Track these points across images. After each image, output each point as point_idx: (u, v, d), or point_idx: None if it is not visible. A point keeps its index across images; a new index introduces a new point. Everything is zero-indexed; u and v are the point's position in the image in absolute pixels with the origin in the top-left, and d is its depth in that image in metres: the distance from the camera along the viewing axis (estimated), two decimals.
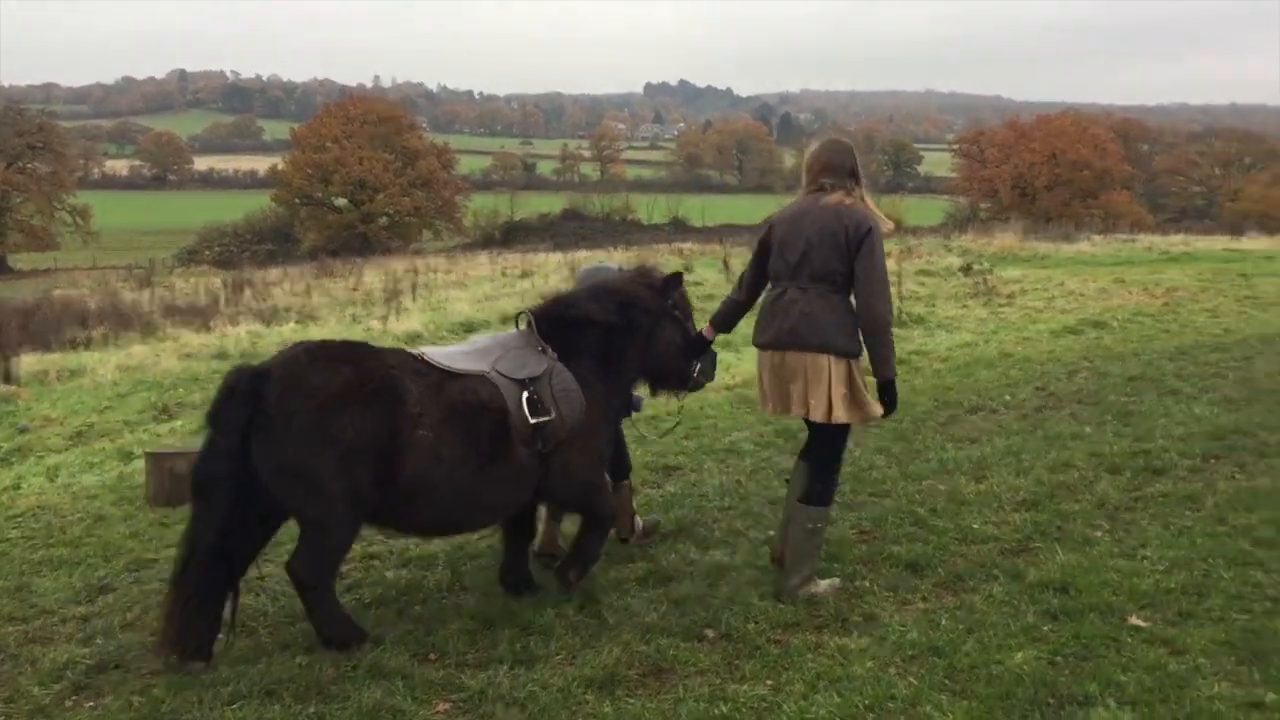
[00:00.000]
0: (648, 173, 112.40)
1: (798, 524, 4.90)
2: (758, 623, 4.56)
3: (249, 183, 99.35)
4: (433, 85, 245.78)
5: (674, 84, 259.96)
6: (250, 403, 4.28)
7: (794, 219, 4.87)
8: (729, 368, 11.22)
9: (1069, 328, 12.72)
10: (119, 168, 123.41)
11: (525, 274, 26.97)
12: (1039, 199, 57.80)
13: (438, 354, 4.81)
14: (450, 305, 19.21)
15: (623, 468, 5.75)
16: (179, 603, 4.30)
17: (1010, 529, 5.59)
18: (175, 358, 13.96)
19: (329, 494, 4.31)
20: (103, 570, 5.80)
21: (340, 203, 61.09)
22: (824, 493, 4.92)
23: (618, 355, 5.13)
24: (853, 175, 4.92)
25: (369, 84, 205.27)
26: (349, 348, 4.65)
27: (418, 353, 4.79)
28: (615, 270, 5.66)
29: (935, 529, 5.62)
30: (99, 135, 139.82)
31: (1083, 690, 3.83)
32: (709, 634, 4.50)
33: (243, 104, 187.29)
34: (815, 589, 4.85)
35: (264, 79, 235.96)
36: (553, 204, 68.87)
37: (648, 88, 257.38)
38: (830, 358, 4.71)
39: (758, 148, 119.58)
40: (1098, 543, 5.33)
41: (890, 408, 4.88)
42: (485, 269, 31.35)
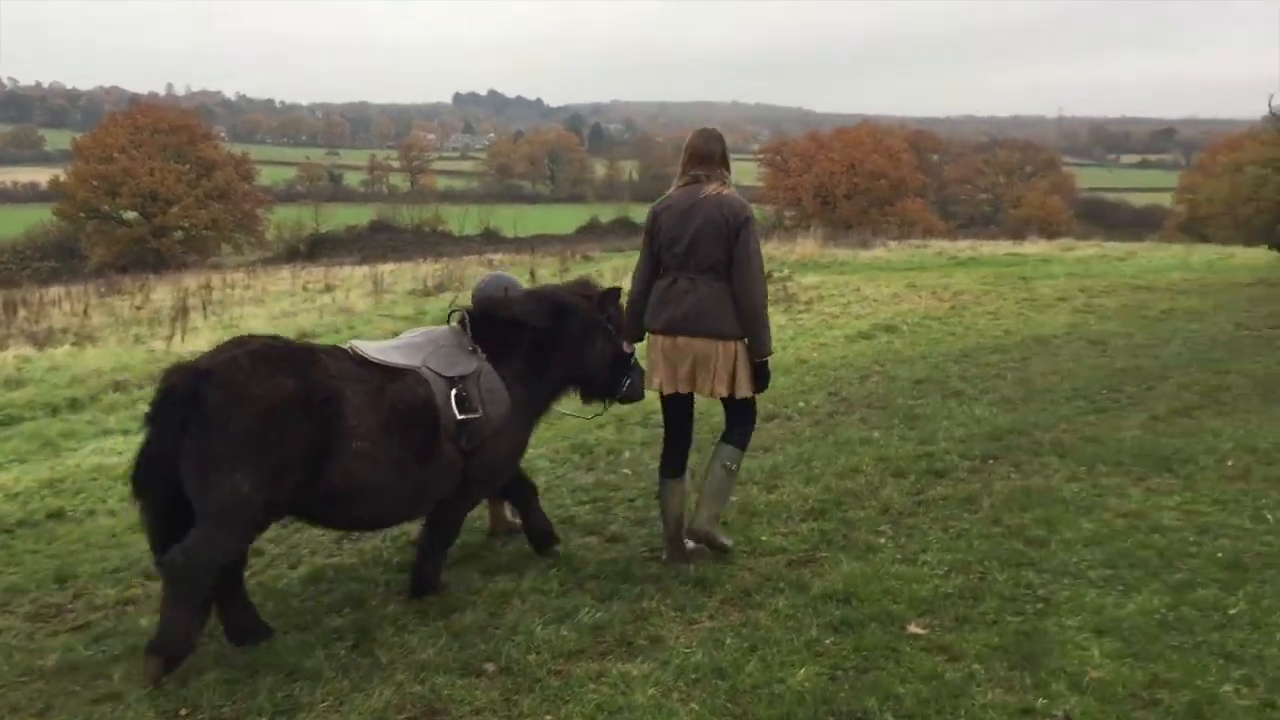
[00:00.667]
0: (459, 183, 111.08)
1: (718, 460, 5.38)
2: (539, 653, 4.37)
3: (30, 196, 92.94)
4: (230, 93, 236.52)
5: (484, 94, 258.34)
6: (188, 403, 4.26)
7: (679, 212, 5.20)
8: None
9: (862, 333, 13.04)
10: None
11: (328, 288, 26.03)
12: (839, 207, 59.78)
13: (371, 349, 4.90)
14: (244, 323, 18.30)
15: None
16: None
17: (798, 539, 5.58)
18: None
19: (244, 503, 4.28)
20: None
21: (130, 216, 57.84)
22: (743, 435, 5.44)
23: (546, 360, 5.32)
24: (724, 164, 5.31)
25: (161, 91, 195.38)
26: (293, 354, 4.59)
27: (352, 349, 4.86)
28: (514, 280, 5.71)
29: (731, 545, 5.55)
30: None
31: (861, 705, 3.80)
32: (489, 668, 4.28)
33: (21, 113, 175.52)
34: (722, 541, 5.36)
35: (45, 86, 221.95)
36: (360, 216, 67.21)
37: (457, 98, 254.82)
38: (720, 342, 5.12)
39: (570, 158, 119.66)
40: (881, 549, 5.36)
41: (762, 385, 5.32)
42: (286, 284, 30.17)
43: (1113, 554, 5.12)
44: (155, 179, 56.18)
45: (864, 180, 60.56)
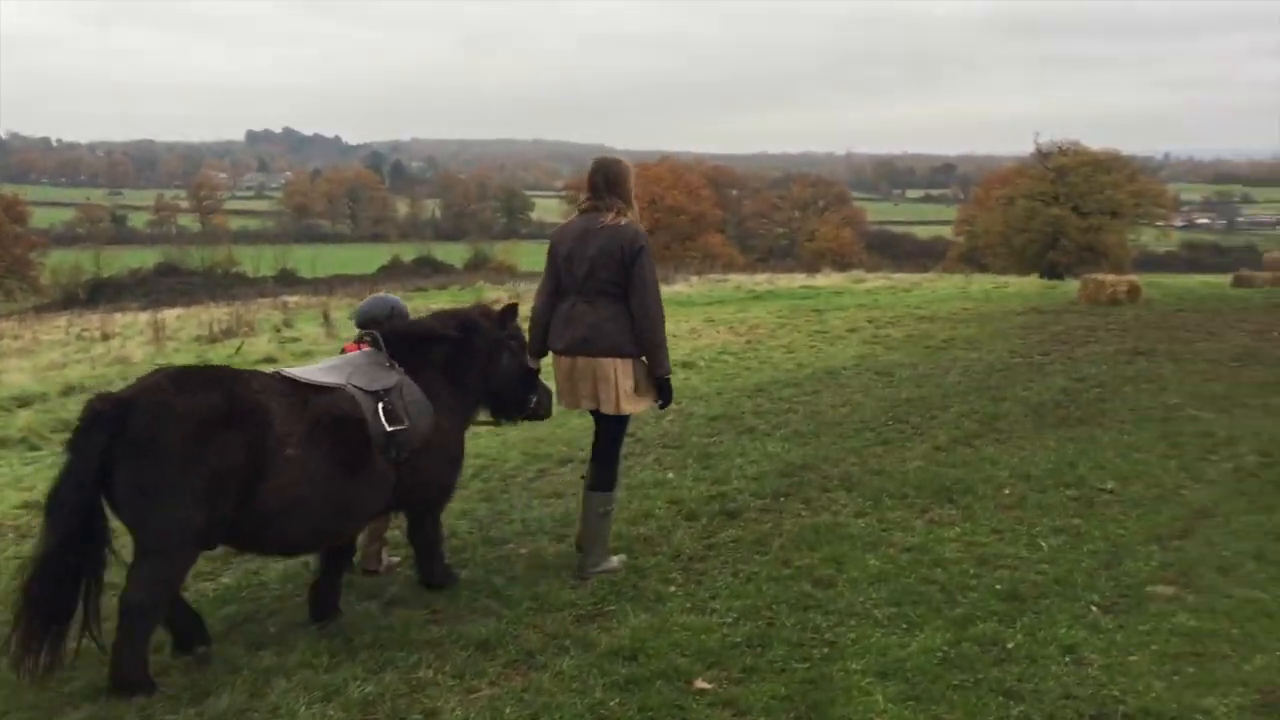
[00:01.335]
0: (254, 223, 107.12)
1: (590, 509, 5.64)
2: None
3: None
4: (1, 132, 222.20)
5: (278, 131, 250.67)
6: (112, 430, 4.30)
7: (577, 238, 5.46)
8: None
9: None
10: None
11: (105, 337, 24.48)
12: None
13: (295, 372, 5.03)
14: (6, 377, 16.93)
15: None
16: (33, 625, 4.32)
17: (587, 592, 5.37)
18: None
19: (185, 522, 4.35)
20: None
21: None
22: (609, 479, 5.67)
23: (460, 374, 5.51)
24: (623, 194, 5.52)
25: None
26: (212, 373, 4.73)
27: (276, 373, 4.98)
28: (397, 300, 6.07)
29: (511, 600, 5.29)
30: None
31: None
32: None
33: None
34: (609, 565, 5.62)
35: None
36: (146, 258, 64.02)
37: (250, 135, 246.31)
38: (616, 360, 5.40)
39: (370, 196, 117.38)
40: (670, 598, 5.22)
41: (666, 400, 5.66)
42: (61, 332, 28.25)
43: (897, 591, 5.12)
44: None
45: (665, 215, 61.61)
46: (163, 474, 4.31)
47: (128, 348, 19.86)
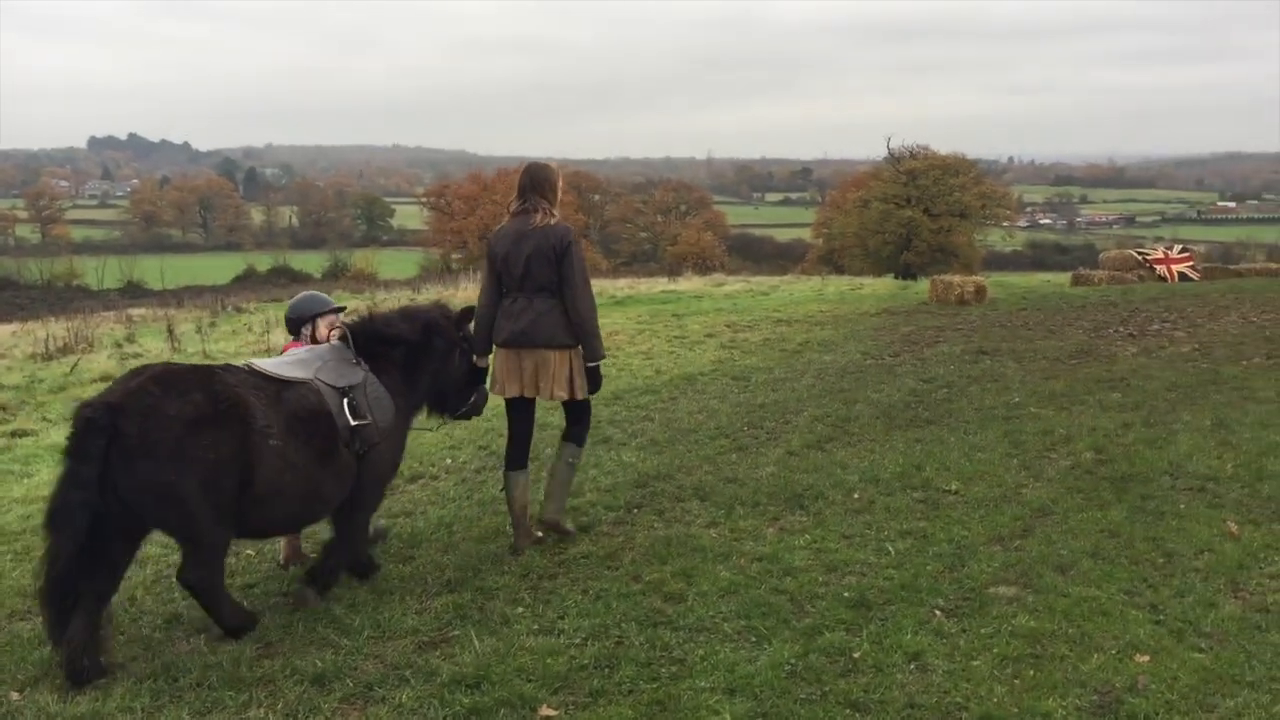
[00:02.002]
0: (98, 234, 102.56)
1: (562, 458, 6.20)
2: None
3: None
4: None
5: (123, 138, 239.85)
6: (107, 434, 4.49)
7: (513, 239, 5.89)
8: None
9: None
10: None
11: None
12: None
13: (265, 364, 5.28)
14: None
15: None
16: (54, 622, 4.61)
17: (431, 617, 5.18)
18: None
19: (197, 510, 4.65)
20: None
21: None
22: (581, 434, 6.25)
23: (417, 373, 5.82)
24: (547, 195, 5.99)
25: None
26: (192, 373, 4.94)
27: (248, 365, 5.23)
28: (327, 298, 6.42)
29: (351, 629, 5.06)
30: None
31: None
32: None
33: None
34: (566, 525, 6.24)
35: None
36: None
37: (92, 142, 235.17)
38: (556, 351, 5.85)
39: (223, 204, 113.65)
40: (517, 620, 5.06)
41: (595, 386, 6.09)
42: None
43: (747, 603, 5.07)
44: None
45: None
46: (163, 473, 4.56)
47: None
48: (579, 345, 5.92)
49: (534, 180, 6.01)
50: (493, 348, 6.09)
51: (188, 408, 4.65)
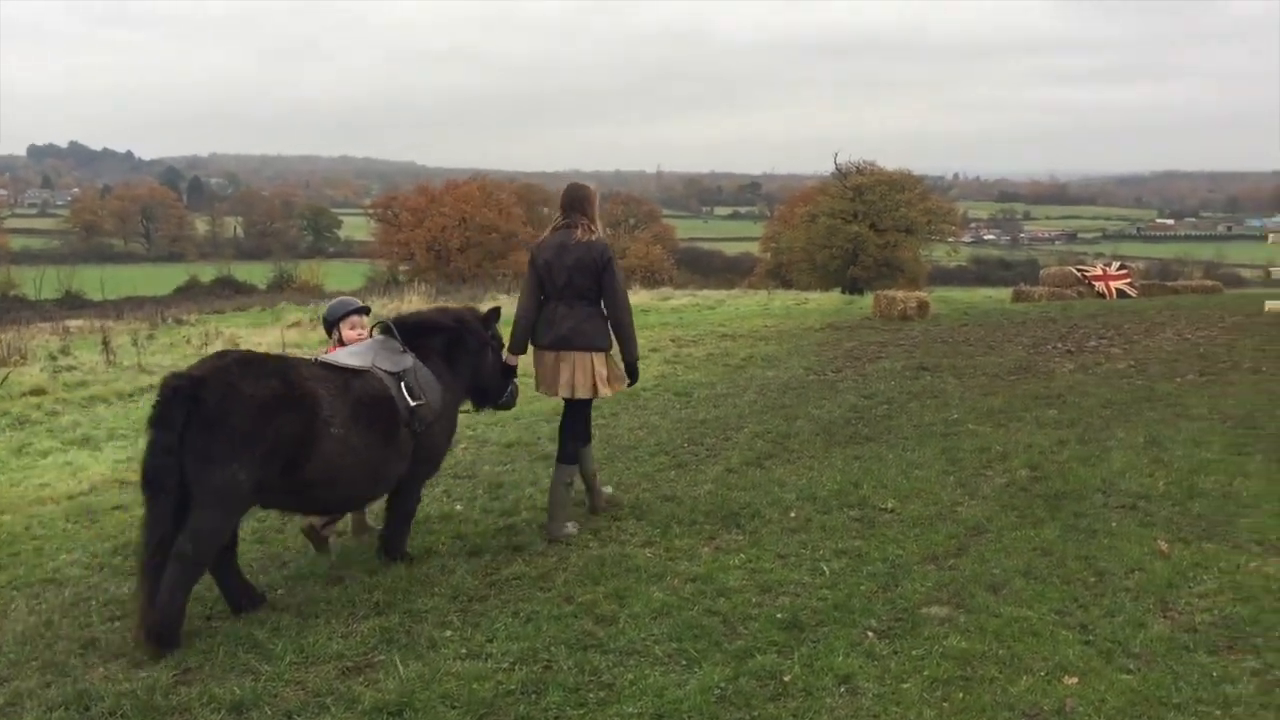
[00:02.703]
0: (38, 243, 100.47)
1: (556, 480, 6.66)
2: None
3: None
4: None
5: (64, 146, 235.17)
6: (189, 405, 4.95)
7: (556, 250, 6.45)
8: (78, 472, 9.75)
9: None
10: None
11: None
12: (453, 260, 59.87)
13: (330, 358, 5.88)
14: None
15: None
16: (148, 593, 4.93)
17: (357, 641, 5.05)
18: None
19: (237, 486, 5.04)
20: None
21: None
22: (572, 454, 6.70)
23: (455, 360, 6.32)
24: (587, 212, 6.55)
25: None
26: (272, 361, 5.42)
27: (315, 358, 5.85)
28: (355, 301, 6.99)
29: (272, 654, 4.92)
30: None
31: None
32: None
33: None
34: (568, 530, 6.55)
35: None
36: None
37: (32, 150, 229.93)
38: (592, 354, 6.44)
39: (166, 214, 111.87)
40: (445, 644, 4.95)
41: (633, 379, 6.75)
42: None
43: (679, 625, 5.00)
44: None
45: (476, 233, 61.06)
46: (226, 445, 4.99)
47: None
48: (610, 348, 6.56)
49: (575, 199, 6.58)
50: (527, 348, 6.65)
51: (264, 390, 5.13)
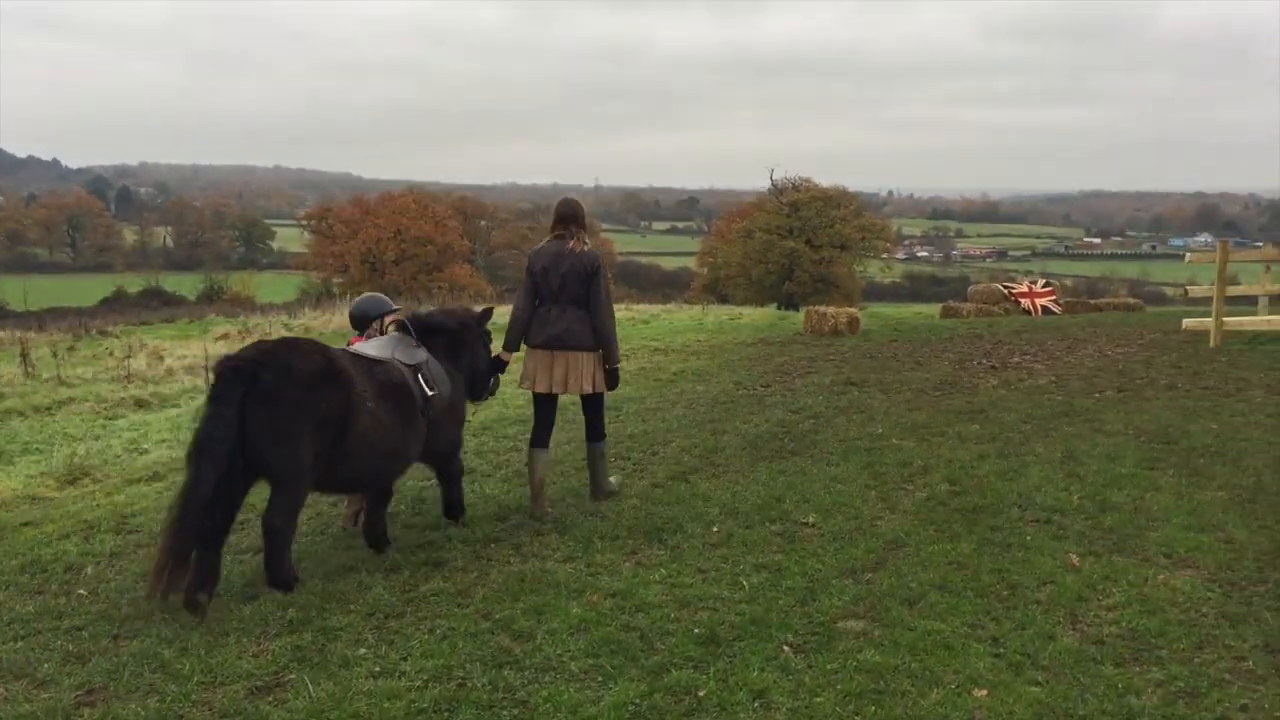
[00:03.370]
0: None
1: (592, 456, 7.56)
2: None
3: None
4: None
5: None
6: (247, 383, 5.51)
7: (552, 258, 7.07)
8: None
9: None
10: None
11: None
12: (388, 273, 59.32)
13: (356, 348, 6.51)
14: None
15: None
16: (179, 550, 5.40)
17: (268, 660, 4.95)
18: None
19: (303, 456, 5.64)
20: None
21: None
22: (600, 430, 7.50)
23: (457, 357, 7.01)
24: (580, 224, 7.25)
25: None
26: (311, 343, 6.07)
27: (342, 349, 6.37)
28: (385, 298, 7.58)
29: (179, 674, 4.80)
30: None
31: None
32: None
33: None
34: (613, 488, 7.56)
35: None
36: None
37: None
38: (584, 354, 7.07)
39: (94, 223, 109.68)
40: (358, 663, 4.87)
41: (613, 385, 7.41)
42: None
43: (596, 641, 4.98)
44: None
45: (411, 246, 60.62)
46: (286, 419, 5.57)
47: None
48: (599, 349, 7.11)
49: (570, 213, 7.22)
50: (521, 347, 7.30)
51: (311, 367, 5.72)
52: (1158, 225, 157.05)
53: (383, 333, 7.14)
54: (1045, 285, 23.73)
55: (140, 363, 18.40)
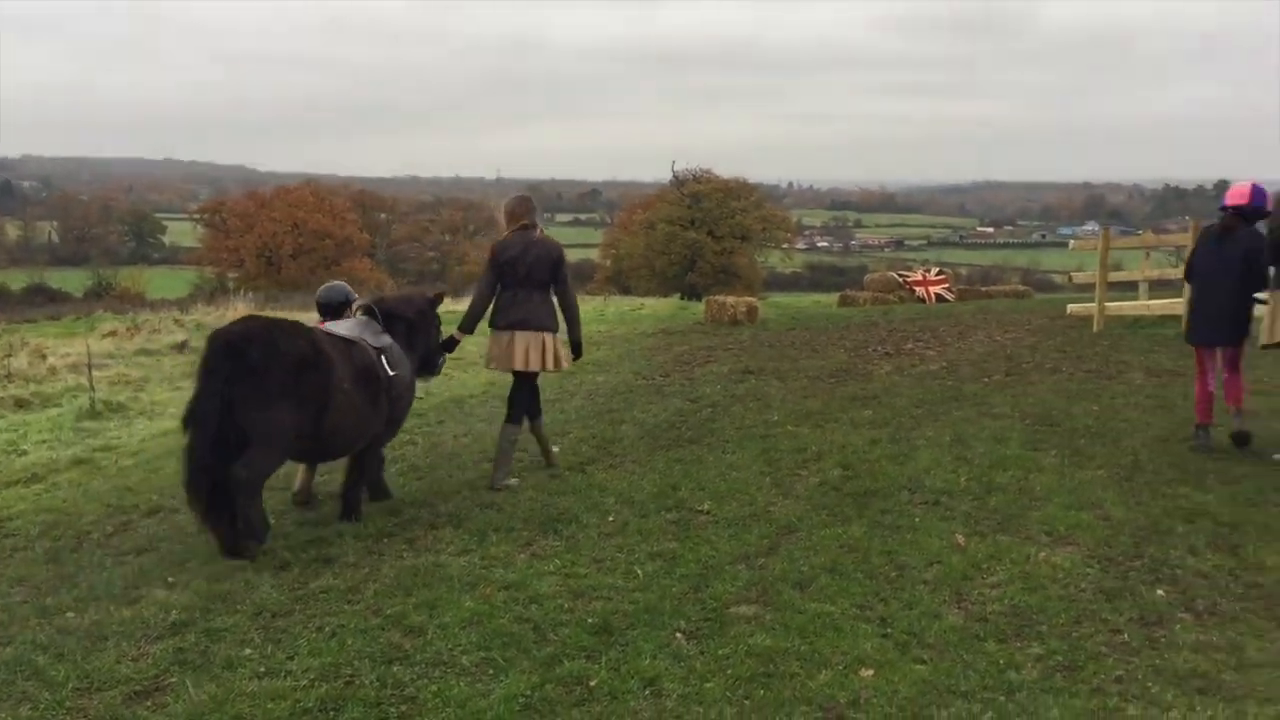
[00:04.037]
0: None
1: (504, 437, 7.79)
2: None
3: None
4: None
5: None
6: (235, 357, 6.01)
7: (521, 248, 7.61)
8: None
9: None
10: None
11: None
12: (285, 267, 58.18)
13: (332, 328, 6.94)
14: None
15: None
16: (201, 508, 6.07)
17: (148, 663, 4.80)
18: None
19: (283, 426, 6.12)
20: None
21: None
22: (519, 416, 7.84)
23: (414, 341, 7.52)
24: (537, 216, 7.92)
25: None
26: (295, 325, 6.55)
27: (323, 330, 6.83)
28: (347, 287, 8.16)
29: (54, 681, 4.63)
30: None
31: None
32: None
33: None
34: (509, 482, 7.64)
35: None
36: None
37: None
38: (545, 334, 7.62)
39: None
40: (242, 663, 4.75)
41: (578, 355, 8.13)
42: None
43: (488, 634, 4.94)
44: None
45: (309, 240, 59.52)
46: (270, 391, 6.06)
47: None
48: (558, 331, 7.75)
49: (527, 208, 7.85)
50: (474, 330, 7.95)
51: (296, 348, 6.21)
52: (1047, 215, 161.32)
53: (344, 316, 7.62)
54: (939, 273, 24.23)
55: (21, 361, 17.71)
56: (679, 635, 4.89)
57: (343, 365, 6.50)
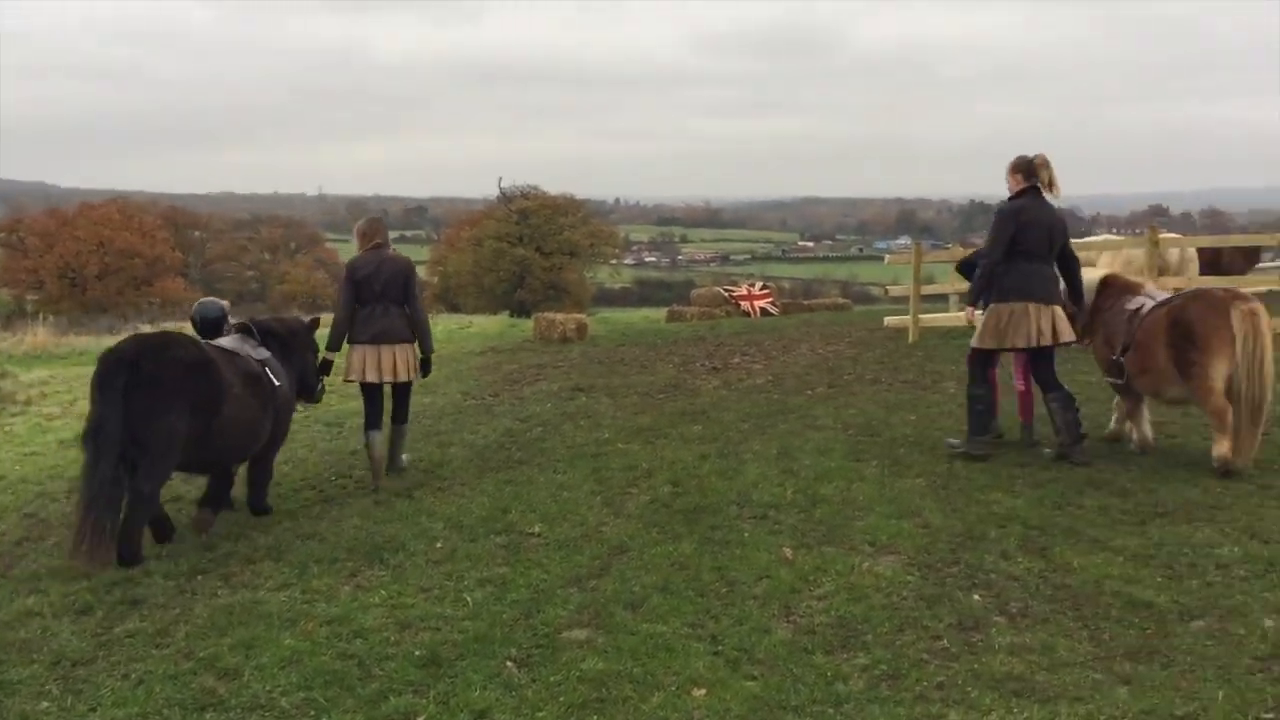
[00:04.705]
0: None
1: (396, 435, 8.58)
2: None
3: None
4: None
5: None
6: (129, 371, 6.32)
7: (375, 265, 8.16)
8: None
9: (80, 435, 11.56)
10: None
11: None
12: (90, 289, 55.21)
13: (217, 343, 7.31)
14: None
15: None
16: (89, 523, 6.12)
17: None
18: None
19: (176, 433, 6.44)
20: None
21: None
22: (406, 414, 8.65)
23: (288, 360, 7.80)
24: (387, 235, 8.60)
25: None
26: (184, 337, 6.97)
27: (206, 343, 7.21)
28: (223, 303, 8.56)
29: None
30: None
31: None
32: None
33: None
34: (404, 462, 8.63)
35: None
36: None
37: None
38: (405, 345, 8.19)
39: None
40: (40, 718, 4.43)
41: (427, 373, 8.62)
42: None
43: (309, 673, 4.73)
44: None
45: (116, 259, 56.63)
46: (163, 401, 6.33)
47: None
48: (416, 341, 8.29)
49: (379, 228, 8.55)
50: (343, 346, 8.24)
51: (187, 357, 6.56)
52: (863, 229, 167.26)
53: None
54: (763, 288, 24.74)
55: None
56: (510, 664, 4.79)
57: (230, 372, 6.85)
